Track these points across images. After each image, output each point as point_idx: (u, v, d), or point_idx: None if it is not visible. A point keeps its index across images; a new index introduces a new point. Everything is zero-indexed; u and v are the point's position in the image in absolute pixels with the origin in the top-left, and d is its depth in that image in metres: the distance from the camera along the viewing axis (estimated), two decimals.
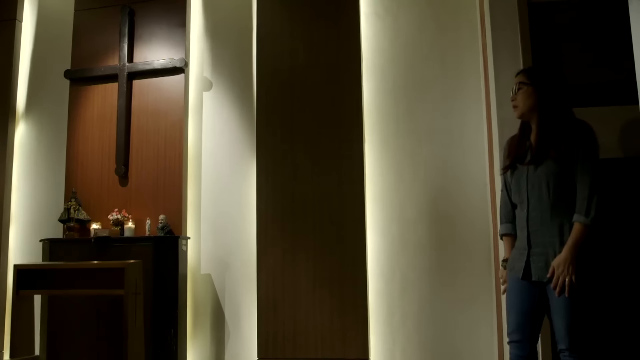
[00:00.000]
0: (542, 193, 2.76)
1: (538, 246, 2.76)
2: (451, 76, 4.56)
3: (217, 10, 5.18)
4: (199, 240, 4.88)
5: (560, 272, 2.64)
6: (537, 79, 2.87)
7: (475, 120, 4.46)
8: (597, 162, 2.69)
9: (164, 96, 4.93)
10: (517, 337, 2.80)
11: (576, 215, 2.66)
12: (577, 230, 2.64)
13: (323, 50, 4.57)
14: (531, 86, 2.85)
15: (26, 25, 5.64)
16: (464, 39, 4.57)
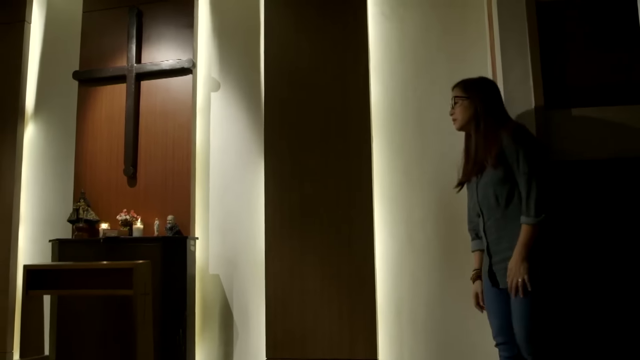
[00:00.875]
0: (491, 202, 2.81)
1: (497, 254, 2.80)
2: (459, 76, 4.49)
3: (224, 11, 5.19)
4: (207, 240, 4.89)
5: (512, 274, 2.65)
6: (473, 91, 2.97)
7: None
8: (535, 161, 2.69)
9: (172, 97, 4.94)
10: (501, 339, 2.86)
11: (522, 217, 2.67)
12: (524, 231, 2.65)
13: (331, 50, 4.57)
14: (467, 99, 2.96)
15: (35, 27, 5.66)
16: (471, 38, 4.56)
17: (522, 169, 2.68)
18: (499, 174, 2.75)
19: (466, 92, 2.98)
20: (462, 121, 2.98)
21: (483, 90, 2.97)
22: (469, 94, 2.97)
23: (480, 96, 2.94)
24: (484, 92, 2.96)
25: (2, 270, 5.13)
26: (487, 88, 2.99)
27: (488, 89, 2.98)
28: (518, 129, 2.79)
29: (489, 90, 2.97)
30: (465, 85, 3.02)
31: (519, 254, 2.64)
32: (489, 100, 2.93)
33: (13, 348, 5.06)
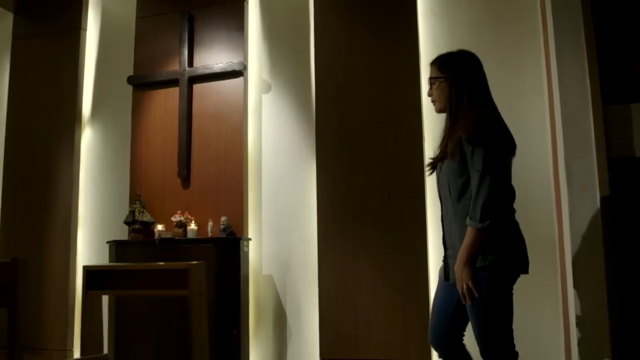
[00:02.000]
0: (447, 192, 2.64)
1: (450, 248, 2.69)
2: (511, 73, 4.47)
3: (274, 13, 5.23)
4: (260, 241, 4.93)
5: (458, 279, 2.51)
6: (448, 70, 2.72)
7: (537, 117, 4.36)
8: (491, 159, 2.46)
9: (223, 99, 5.00)
10: (434, 341, 2.75)
11: (467, 217, 2.50)
12: (468, 233, 2.48)
13: (381, 49, 4.56)
14: (444, 80, 2.72)
15: (90, 33, 5.80)
16: (524, 33, 4.48)
17: (475, 165, 2.48)
18: (455, 164, 2.56)
19: (442, 72, 2.73)
20: (440, 103, 2.75)
21: (460, 67, 2.71)
22: (445, 73, 2.72)
23: (455, 75, 2.69)
24: (460, 70, 2.70)
25: (62, 271, 5.26)
26: (464, 65, 2.72)
27: (465, 66, 2.72)
28: (482, 119, 2.55)
29: (466, 68, 2.71)
30: (441, 64, 2.76)
31: (460, 258, 2.49)
32: (466, 80, 2.67)
33: (73, 346, 5.19)
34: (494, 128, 2.54)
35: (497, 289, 2.49)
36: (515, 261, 2.54)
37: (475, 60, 2.77)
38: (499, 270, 2.49)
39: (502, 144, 2.54)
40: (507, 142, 2.58)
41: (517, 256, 2.55)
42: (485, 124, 2.53)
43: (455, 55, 2.79)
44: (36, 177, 5.51)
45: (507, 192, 2.54)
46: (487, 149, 2.46)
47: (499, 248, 2.49)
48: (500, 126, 2.59)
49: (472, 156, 2.49)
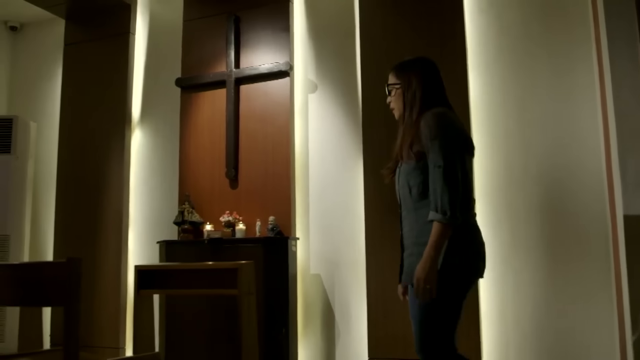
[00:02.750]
0: (406, 193, 2.61)
1: (407, 248, 2.63)
2: (562, 69, 4.39)
3: (319, 13, 5.23)
4: (308, 240, 4.95)
5: (417, 277, 2.41)
6: (403, 77, 2.75)
7: (589, 114, 4.26)
8: (451, 153, 2.43)
9: (270, 100, 5.03)
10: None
11: (430, 212, 2.44)
12: (433, 229, 2.41)
13: (427, 47, 4.51)
14: (400, 87, 2.74)
15: (139, 37, 5.90)
16: (574, 30, 4.39)
17: (435, 161, 2.44)
18: (414, 163, 2.55)
19: (398, 79, 2.76)
20: (399, 110, 2.77)
21: (414, 73, 2.72)
22: (401, 80, 2.75)
23: (410, 82, 2.71)
24: (414, 75, 2.71)
25: (114, 271, 5.37)
26: (417, 71, 2.73)
27: (419, 71, 2.73)
28: (438, 115, 2.53)
29: (420, 73, 2.72)
30: (397, 71, 2.79)
31: (427, 255, 2.40)
32: (419, 85, 2.68)
33: (125, 344, 5.29)
34: (451, 124, 2.54)
35: (448, 293, 2.44)
36: (471, 266, 2.49)
37: (430, 65, 2.78)
38: (453, 275, 2.44)
39: (460, 141, 2.52)
40: (464, 141, 2.57)
41: (473, 261, 2.50)
42: (443, 120, 2.53)
43: (410, 61, 2.81)
44: (88, 179, 5.63)
45: (466, 190, 2.48)
46: (447, 143, 2.46)
47: (456, 251, 2.43)
48: (457, 124, 2.58)
49: (432, 152, 2.47)
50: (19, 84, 6.65)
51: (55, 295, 2.16)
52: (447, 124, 2.52)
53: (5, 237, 5.60)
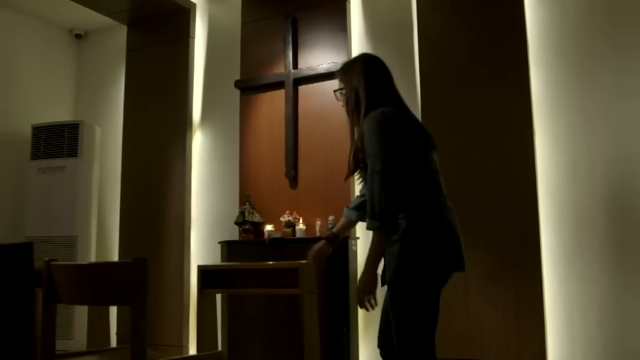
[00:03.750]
0: (366, 197, 2.42)
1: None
2: (628, 61, 4.24)
3: (376, 12, 5.21)
4: (368, 240, 4.90)
5: (357, 289, 2.38)
6: (345, 80, 2.61)
7: None
8: (380, 157, 2.31)
9: (328, 99, 5.01)
10: (378, 343, 2.64)
11: (367, 221, 2.34)
12: (372, 238, 2.34)
13: (487, 45, 4.45)
14: (345, 92, 2.61)
15: (198, 41, 6.00)
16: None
17: (369, 166, 2.34)
18: (364, 169, 2.43)
19: (341, 82, 2.63)
20: (349, 114, 2.61)
21: (355, 74, 2.57)
22: (344, 83, 2.61)
23: (352, 84, 2.56)
24: (356, 76, 2.56)
25: (177, 271, 5.47)
26: (360, 70, 2.57)
27: (361, 70, 2.57)
28: (377, 116, 2.39)
29: (362, 72, 2.56)
30: (340, 75, 2.65)
31: (365, 268, 2.35)
32: (363, 86, 2.53)
33: (189, 343, 5.38)
34: (390, 125, 2.39)
35: (419, 293, 2.38)
36: (441, 263, 2.40)
37: (372, 61, 2.63)
38: (420, 274, 2.37)
39: (397, 139, 2.37)
40: (410, 136, 2.44)
41: (443, 257, 2.40)
42: (381, 121, 2.39)
43: (350, 61, 2.70)
44: (151, 181, 5.75)
45: (428, 187, 2.42)
46: (384, 145, 2.34)
47: (420, 250, 2.36)
48: (401, 124, 2.44)
49: (367, 156, 2.38)
50: (84, 90, 6.86)
51: (122, 295, 2.21)
52: (385, 125, 2.38)
53: (73, 237, 5.77)
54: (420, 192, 2.40)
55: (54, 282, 2.43)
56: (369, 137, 2.36)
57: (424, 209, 2.39)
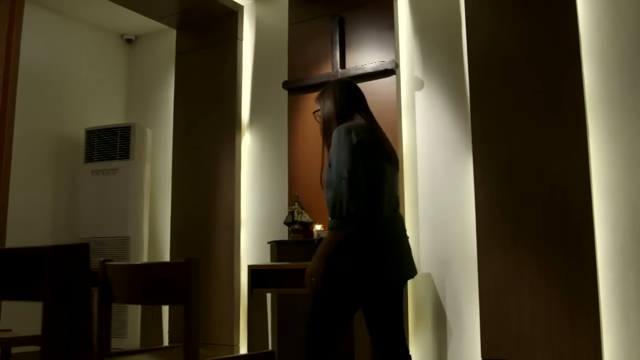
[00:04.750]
0: (327, 200, 2.73)
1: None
2: None
3: (424, 9, 5.17)
4: (418, 239, 4.90)
5: (306, 272, 2.62)
6: (321, 102, 2.89)
7: None
8: (346, 165, 2.54)
9: (376, 99, 4.99)
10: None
11: (329, 220, 2.61)
12: (329, 232, 2.59)
13: (537, 40, 4.36)
14: (320, 113, 2.90)
15: (246, 43, 6.05)
16: None
17: (337, 172, 2.59)
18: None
19: (318, 105, 2.93)
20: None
21: (327, 96, 2.87)
22: (320, 105, 2.91)
23: (324, 105, 2.87)
24: (328, 98, 2.86)
25: (228, 270, 5.52)
26: (331, 92, 2.87)
27: (333, 93, 2.86)
28: (343, 129, 2.64)
29: (333, 94, 2.85)
30: (317, 100, 2.94)
31: (317, 253, 2.61)
32: (333, 105, 2.82)
33: (239, 342, 5.42)
34: (350, 135, 2.61)
35: (334, 292, 2.62)
36: (361, 273, 2.58)
37: (343, 84, 2.91)
38: (340, 277, 2.58)
39: (355, 151, 2.58)
40: (366, 149, 2.62)
41: (364, 269, 2.57)
42: (346, 132, 2.62)
43: (326, 87, 2.94)
44: (201, 182, 5.82)
45: (370, 200, 2.60)
46: (340, 156, 2.58)
47: (347, 257, 2.58)
48: (363, 136, 2.64)
49: (333, 164, 2.62)
50: (135, 93, 6.99)
51: (175, 294, 2.24)
52: (350, 136, 2.60)
53: (126, 238, 5.89)
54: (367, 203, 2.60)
55: (109, 282, 2.49)
56: (336, 146, 2.61)
57: (365, 220, 2.59)
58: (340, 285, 2.60)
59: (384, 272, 2.62)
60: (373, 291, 2.66)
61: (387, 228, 2.67)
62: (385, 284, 2.66)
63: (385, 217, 2.67)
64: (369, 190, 2.60)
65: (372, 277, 2.61)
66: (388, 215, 2.68)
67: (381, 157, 2.71)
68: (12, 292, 1.77)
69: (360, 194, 2.54)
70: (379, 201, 2.64)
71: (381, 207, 2.65)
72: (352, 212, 2.51)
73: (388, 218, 2.68)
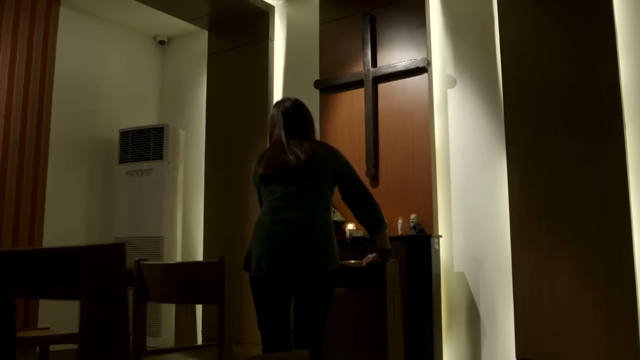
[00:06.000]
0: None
1: None
2: None
3: (456, 7, 5.12)
4: (451, 238, 4.86)
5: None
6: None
7: None
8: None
9: (408, 97, 4.99)
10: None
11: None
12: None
13: (572, 35, 4.29)
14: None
15: (277, 43, 6.06)
16: None
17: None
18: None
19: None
20: None
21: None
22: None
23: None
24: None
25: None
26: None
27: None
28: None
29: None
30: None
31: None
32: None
33: None
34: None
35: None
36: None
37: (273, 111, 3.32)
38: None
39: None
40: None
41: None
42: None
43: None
44: (233, 181, 5.85)
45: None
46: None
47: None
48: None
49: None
50: (168, 94, 7.05)
51: (209, 293, 2.25)
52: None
53: (160, 238, 5.94)
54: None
55: (144, 281, 2.51)
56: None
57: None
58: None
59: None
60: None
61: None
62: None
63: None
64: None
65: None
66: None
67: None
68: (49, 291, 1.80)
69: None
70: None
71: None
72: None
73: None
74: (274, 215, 2.96)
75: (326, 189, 3.04)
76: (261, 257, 2.91)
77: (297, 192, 2.96)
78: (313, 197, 2.96)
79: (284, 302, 2.99)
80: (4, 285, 1.92)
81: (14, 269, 1.89)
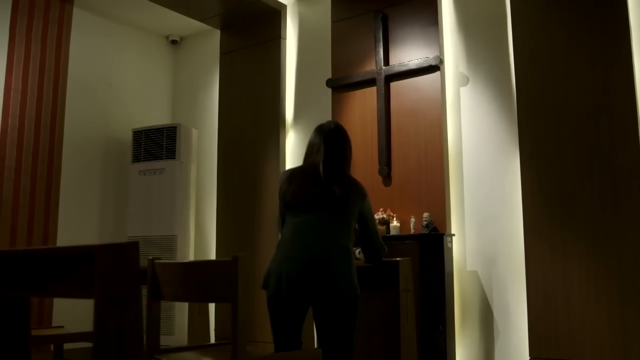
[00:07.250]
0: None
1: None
2: None
3: (468, 4, 5.10)
4: (464, 236, 4.84)
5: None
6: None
7: None
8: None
9: (421, 95, 4.97)
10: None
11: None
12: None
13: (585, 33, 4.26)
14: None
15: (289, 42, 6.06)
16: None
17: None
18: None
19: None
20: None
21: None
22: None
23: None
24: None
25: None
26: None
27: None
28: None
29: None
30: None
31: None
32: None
33: None
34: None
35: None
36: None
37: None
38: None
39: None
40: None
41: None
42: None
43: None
44: (246, 180, 5.86)
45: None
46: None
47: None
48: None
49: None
50: (180, 94, 7.07)
51: (222, 292, 2.25)
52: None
53: (173, 237, 5.96)
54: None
55: (158, 280, 2.52)
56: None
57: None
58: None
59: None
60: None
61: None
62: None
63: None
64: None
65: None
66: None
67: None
68: (63, 290, 1.81)
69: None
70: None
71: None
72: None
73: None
74: (296, 239, 2.96)
75: (351, 221, 3.02)
76: (281, 277, 2.90)
77: (322, 220, 2.96)
78: (337, 226, 2.94)
79: (299, 320, 3.00)
80: (19, 284, 1.93)
81: (29, 268, 1.91)
